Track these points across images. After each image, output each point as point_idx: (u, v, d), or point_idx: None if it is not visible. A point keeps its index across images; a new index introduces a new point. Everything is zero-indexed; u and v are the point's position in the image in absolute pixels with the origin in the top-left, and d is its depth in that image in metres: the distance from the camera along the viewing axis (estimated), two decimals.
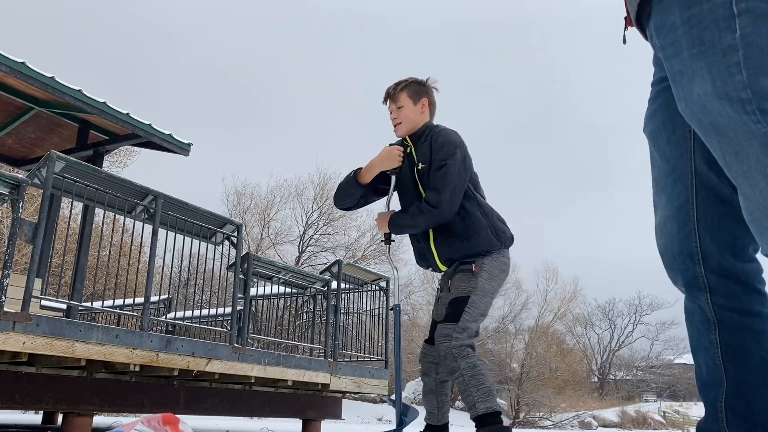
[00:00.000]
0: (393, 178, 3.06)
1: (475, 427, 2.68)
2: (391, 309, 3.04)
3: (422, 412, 3.06)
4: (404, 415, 2.83)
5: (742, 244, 1.45)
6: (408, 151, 3.09)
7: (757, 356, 1.43)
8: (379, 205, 3.20)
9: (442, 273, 3.10)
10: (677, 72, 1.28)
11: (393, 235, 3.07)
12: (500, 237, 2.95)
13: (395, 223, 2.99)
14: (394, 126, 3.10)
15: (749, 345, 1.44)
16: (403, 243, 27.16)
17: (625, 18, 1.49)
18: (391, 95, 3.10)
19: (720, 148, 1.22)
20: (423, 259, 3.09)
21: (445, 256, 2.99)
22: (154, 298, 6.71)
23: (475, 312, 2.82)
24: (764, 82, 1.15)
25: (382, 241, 3.14)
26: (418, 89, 3.09)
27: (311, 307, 6.70)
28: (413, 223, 2.93)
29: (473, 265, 2.91)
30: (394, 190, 3.13)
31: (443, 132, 3.01)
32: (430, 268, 3.11)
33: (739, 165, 1.19)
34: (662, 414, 41.85)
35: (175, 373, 4.32)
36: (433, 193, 2.85)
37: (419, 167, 2.99)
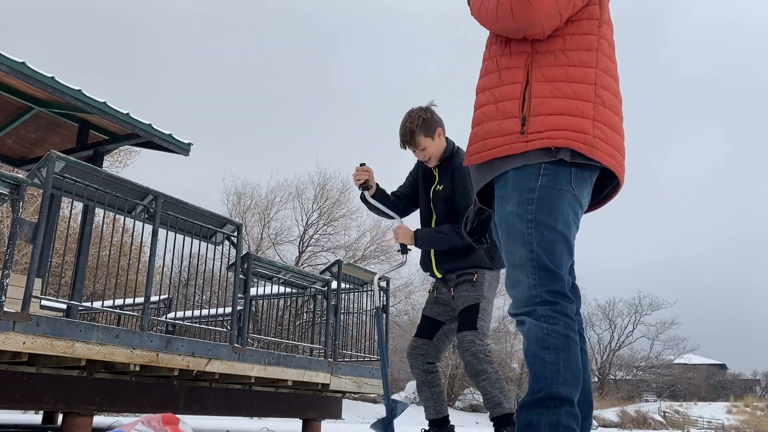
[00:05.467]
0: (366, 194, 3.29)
1: (499, 424, 2.97)
2: (378, 311, 3.27)
3: (419, 410, 3.15)
4: (394, 407, 2.92)
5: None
6: (431, 171, 3.33)
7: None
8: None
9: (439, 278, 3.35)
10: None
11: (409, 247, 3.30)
12: (494, 260, 3.19)
13: (422, 240, 3.22)
14: (426, 162, 3.29)
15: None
16: None
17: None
18: (409, 142, 3.17)
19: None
20: (424, 264, 3.36)
21: (444, 267, 3.25)
22: (154, 298, 6.70)
23: (486, 317, 3.09)
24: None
25: (398, 251, 3.34)
26: (428, 124, 3.16)
27: (311, 307, 6.70)
28: (446, 243, 3.16)
29: (475, 275, 3.14)
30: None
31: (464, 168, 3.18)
32: (429, 273, 3.38)
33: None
34: (662, 414, 41.82)
35: (175, 373, 4.32)
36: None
37: (437, 188, 3.25)
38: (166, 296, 6.99)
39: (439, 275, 3.28)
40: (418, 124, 3.13)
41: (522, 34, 1.92)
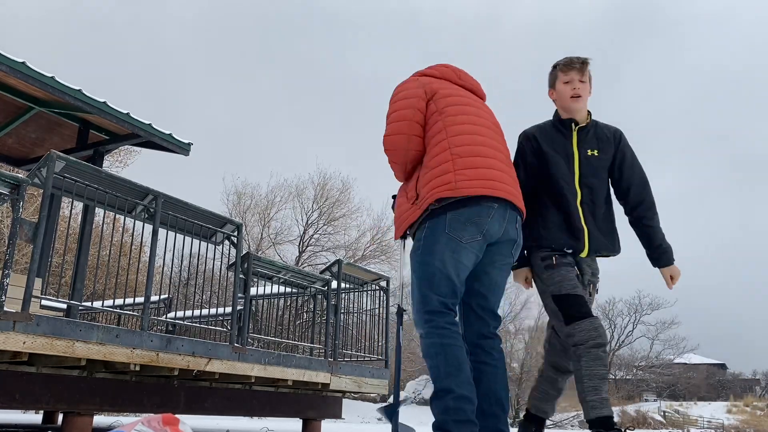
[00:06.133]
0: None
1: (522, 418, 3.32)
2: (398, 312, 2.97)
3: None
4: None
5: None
6: (572, 130, 3.02)
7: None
8: None
9: (580, 259, 2.99)
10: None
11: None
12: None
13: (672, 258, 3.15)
14: (575, 96, 2.96)
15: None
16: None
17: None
18: (585, 64, 2.97)
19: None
20: (562, 238, 2.92)
21: (597, 245, 2.96)
22: (154, 298, 6.71)
23: None
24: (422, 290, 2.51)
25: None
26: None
27: (311, 306, 6.70)
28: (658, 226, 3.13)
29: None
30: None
31: (626, 139, 3.12)
32: (566, 248, 2.92)
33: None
34: (662, 414, 41.85)
35: (175, 373, 4.32)
36: (649, 195, 3.07)
37: (591, 152, 2.99)
38: (166, 296, 6.99)
39: (585, 254, 2.94)
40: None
41: (414, 160, 2.58)
